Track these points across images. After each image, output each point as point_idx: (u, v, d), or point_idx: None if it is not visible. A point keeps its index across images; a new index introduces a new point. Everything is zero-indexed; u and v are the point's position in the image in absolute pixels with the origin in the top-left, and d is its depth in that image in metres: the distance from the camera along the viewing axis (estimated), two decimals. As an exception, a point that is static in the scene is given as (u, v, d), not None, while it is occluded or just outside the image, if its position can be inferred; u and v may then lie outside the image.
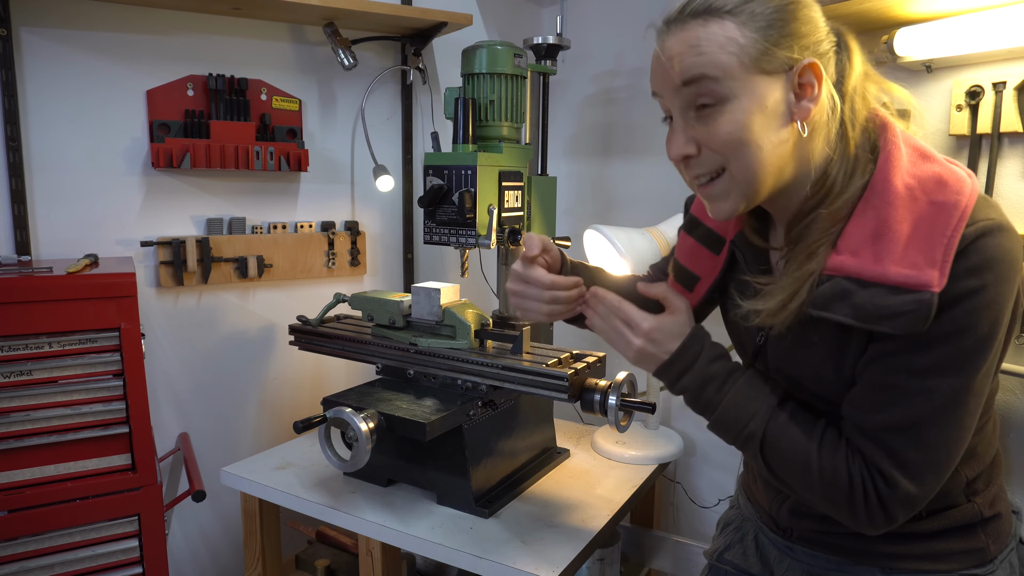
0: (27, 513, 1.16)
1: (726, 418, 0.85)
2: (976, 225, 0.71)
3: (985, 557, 0.87)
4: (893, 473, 0.76)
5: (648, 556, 1.69)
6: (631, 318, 0.90)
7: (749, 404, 0.84)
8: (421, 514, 1.28)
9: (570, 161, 2.13)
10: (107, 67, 1.51)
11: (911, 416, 0.75)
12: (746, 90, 0.76)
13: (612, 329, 0.92)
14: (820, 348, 0.82)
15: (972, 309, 0.71)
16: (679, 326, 0.89)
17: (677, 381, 0.88)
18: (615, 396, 1.16)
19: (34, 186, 1.44)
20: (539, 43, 1.68)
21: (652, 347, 0.88)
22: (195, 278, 1.64)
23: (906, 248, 0.73)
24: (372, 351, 1.43)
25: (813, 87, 0.77)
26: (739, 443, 0.86)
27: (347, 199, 1.89)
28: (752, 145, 0.77)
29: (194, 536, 1.73)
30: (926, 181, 0.75)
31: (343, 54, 1.70)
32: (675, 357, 0.88)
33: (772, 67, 0.76)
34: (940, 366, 0.73)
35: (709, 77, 0.76)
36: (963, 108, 1.37)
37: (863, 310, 0.74)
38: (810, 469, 0.80)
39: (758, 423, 0.83)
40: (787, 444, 0.82)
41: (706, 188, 0.83)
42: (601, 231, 1.53)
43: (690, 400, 0.89)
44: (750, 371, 0.88)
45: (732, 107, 0.76)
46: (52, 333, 1.16)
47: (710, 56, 0.75)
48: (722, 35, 0.75)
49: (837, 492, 0.79)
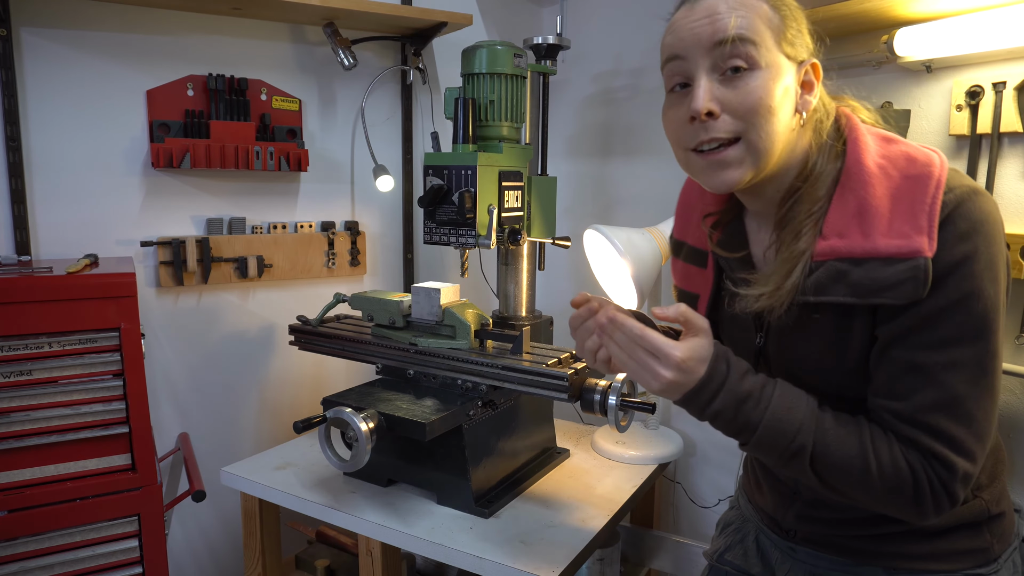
0: (27, 513, 1.16)
1: (770, 435, 0.79)
2: (954, 192, 0.74)
3: (989, 556, 0.87)
4: (948, 455, 0.75)
5: (648, 556, 1.69)
6: (659, 348, 0.79)
7: (792, 416, 0.79)
8: (421, 514, 1.28)
9: (570, 161, 2.13)
10: (107, 67, 1.51)
11: (948, 393, 0.75)
12: (775, 63, 0.79)
13: (635, 361, 0.81)
14: (821, 337, 0.82)
15: (972, 273, 0.73)
16: (707, 348, 0.80)
17: (708, 406, 0.80)
18: (615, 396, 1.16)
19: (34, 186, 1.44)
20: (539, 43, 1.68)
21: (684, 377, 0.79)
22: (195, 278, 1.64)
23: (891, 221, 0.76)
24: (372, 351, 1.43)
25: (813, 85, 0.83)
26: (785, 458, 0.80)
27: (347, 199, 1.89)
28: (775, 114, 0.79)
29: (194, 536, 1.73)
30: (896, 159, 0.79)
31: (343, 54, 1.69)
32: (704, 381, 0.79)
33: (791, 53, 0.80)
34: (959, 336, 0.74)
35: (749, 40, 0.78)
36: (963, 108, 1.37)
37: (861, 286, 0.76)
38: (869, 473, 0.77)
39: (806, 436, 0.78)
40: (838, 453, 0.78)
41: (715, 154, 0.81)
42: (601, 231, 1.53)
43: (724, 423, 0.81)
44: (779, 380, 0.82)
45: (763, 74, 0.78)
46: (52, 333, 1.16)
47: (752, 20, 0.78)
48: (760, 8, 0.79)
49: (902, 490, 0.76)
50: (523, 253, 1.58)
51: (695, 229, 1.00)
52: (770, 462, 0.83)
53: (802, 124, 0.83)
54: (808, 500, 0.93)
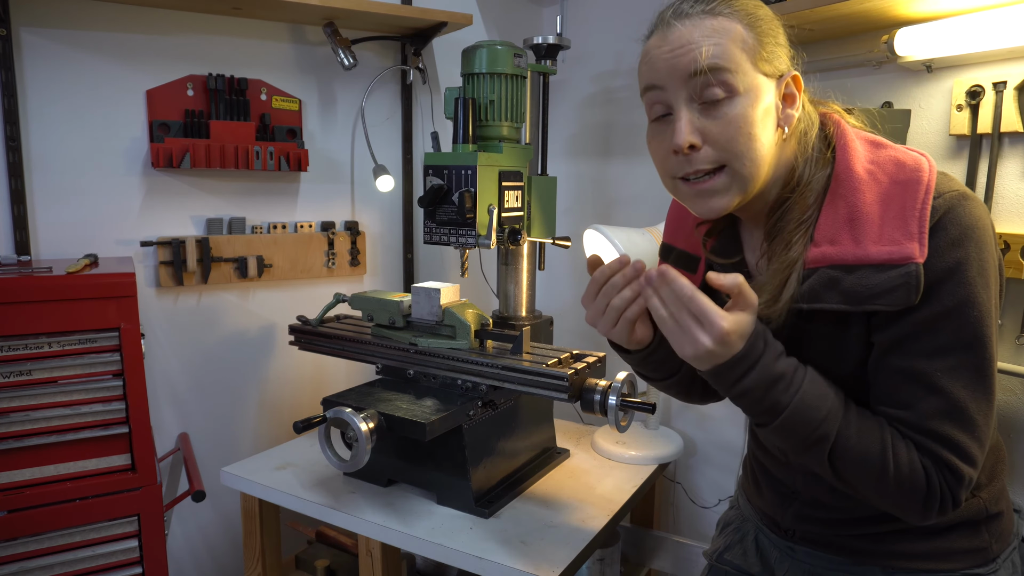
0: (27, 513, 1.16)
1: (795, 420, 0.77)
2: (943, 197, 0.75)
3: (988, 556, 0.87)
4: (954, 461, 0.75)
5: (648, 556, 1.69)
6: (706, 313, 0.75)
7: (821, 404, 0.77)
8: (421, 514, 1.28)
9: (570, 161, 2.13)
10: (107, 67, 1.51)
11: (950, 400, 0.75)
12: (753, 86, 0.79)
13: (678, 323, 0.77)
14: (816, 343, 0.82)
15: (965, 280, 0.73)
16: (749, 325, 0.77)
17: (739, 382, 0.77)
18: (615, 396, 1.16)
19: (34, 186, 1.44)
20: (539, 43, 1.68)
21: (724, 348, 0.76)
22: (195, 278, 1.64)
23: (881, 227, 0.76)
24: (372, 351, 1.43)
25: (795, 97, 0.83)
26: (806, 445, 0.78)
27: (347, 199, 1.89)
28: (757, 139, 0.79)
29: (194, 536, 1.73)
30: (885, 164, 0.79)
31: (343, 54, 1.69)
32: (740, 357, 0.76)
33: (769, 71, 0.80)
34: (955, 343, 0.74)
35: (725, 68, 0.77)
36: (963, 108, 1.37)
37: (853, 294, 0.76)
38: (886, 472, 0.76)
39: (830, 425, 0.77)
40: (859, 448, 0.77)
41: (702, 184, 0.81)
42: (601, 231, 1.53)
43: (751, 401, 0.79)
44: (810, 368, 0.80)
45: (741, 101, 0.78)
46: (52, 333, 1.16)
47: (726, 48, 0.78)
48: (733, 31, 0.79)
49: (915, 492, 0.76)
50: (523, 253, 1.58)
51: (687, 235, 1.00)
52: (788, 446, 0.81)
53: (785, 138, 0.83)
54: (806, 500, 0.93)
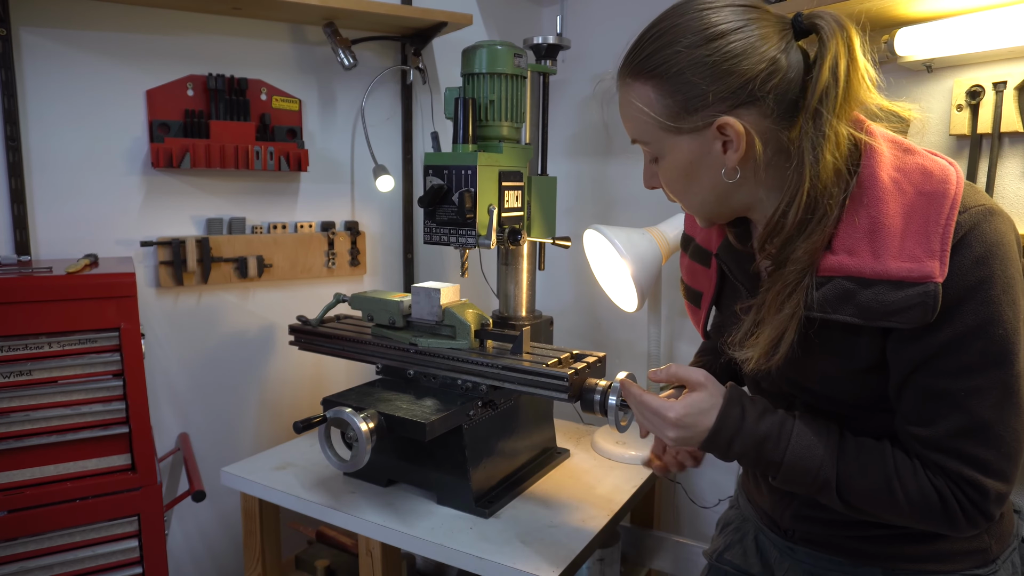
0: (27, 513, 1.16)
1: (794, 472, 0.81)
2: (969, 212, 0.73)
3: (988, 557, 0.86)
4: (978, 478, 0.74)
5: (648, 556, 1.69)
6: (657, 411, 0.86)
7: (812, 454, 0.80)
8: (421, 514, 1.28)
9: (570, 161, 2.13)
10: (107, 67, 1.51)
11: (974, 419, 0.74)
12: (671, 149, 0.83)
13: (647, 421, 0.89)
14: (825, 351, 0.81)
15: (989, 298, 0.71)
16: (708, 399, 0.84)
17: (728, 450, 0.83)
18: (615, 396, 1.15)
19: (34, 186, 1.44)
20: (539, 43, 1.68)
21: (687, 432, 0.84)
22: (195, 278, 1.64)
23: (903, 241, 0.73)
24: (372, 351, 1.42)
25: (732, 142, 0.78)
26: (812, 491, 0.82)
27: (347, 199, 1.89)
28: (690, 191, 0.85)
29: (194, 536, 1.73)
30: (911, 173, 0.76)
31: (343, 54, 1.69)
32: (716, 429, 0.83)
33: (689, 127, 0.79)
34: (981, 362, 0.73)
35: (643, 141, 0.85)
36: (964, 108, 1.37)
37: (869, 309, 0.74)
38: (896, 499, 0.77)
39: (828, 470, 0.80)
40: (863, 483, 0.79)
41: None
42: (601, 231, 1.53)
43: (749, 463, 0.85)
44: (798, 415, 0.84)
45: (666, 163, 0.84)
46: (52, 333, 1.16)
47: (635, 122, 0.84)
48: (642, 101, 0.82)
49: (931, 512, 0.77)
50: (523, 253, 1.58)
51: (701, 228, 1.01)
52: (800, 492, 0.85)
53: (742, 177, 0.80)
54: (806, 500, 0.93)
